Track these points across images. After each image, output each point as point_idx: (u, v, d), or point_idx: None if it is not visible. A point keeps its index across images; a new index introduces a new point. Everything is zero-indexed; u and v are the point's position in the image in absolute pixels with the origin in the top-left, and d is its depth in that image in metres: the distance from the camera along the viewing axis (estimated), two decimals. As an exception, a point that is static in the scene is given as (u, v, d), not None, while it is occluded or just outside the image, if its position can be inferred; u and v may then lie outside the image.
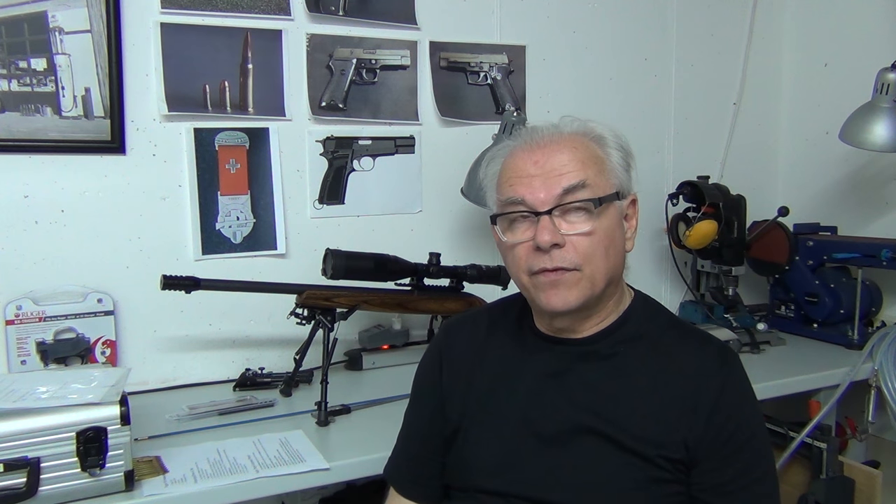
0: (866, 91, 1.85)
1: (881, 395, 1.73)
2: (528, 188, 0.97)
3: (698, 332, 1.08)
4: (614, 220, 1.00)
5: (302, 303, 1.53)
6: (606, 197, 0.98)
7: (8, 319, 1.51)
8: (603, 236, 0.97)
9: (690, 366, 0.99)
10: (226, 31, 1.69)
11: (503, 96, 2.01)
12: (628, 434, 0.96)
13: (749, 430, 0.97)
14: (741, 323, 1.96)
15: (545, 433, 1.00)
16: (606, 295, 1.02)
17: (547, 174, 0.97)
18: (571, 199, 0.96)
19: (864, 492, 1.56)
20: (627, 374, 1.00)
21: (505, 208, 1.01)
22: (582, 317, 1.02)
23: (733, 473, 0.95)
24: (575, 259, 0.96)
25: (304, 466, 1.20)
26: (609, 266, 0.99)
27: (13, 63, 1.52)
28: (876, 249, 1.85)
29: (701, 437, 0.95)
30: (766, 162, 2.44)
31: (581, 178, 0.96)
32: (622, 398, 0.98)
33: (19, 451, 1.03)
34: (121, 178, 1.62)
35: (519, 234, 0.99)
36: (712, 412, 0.95)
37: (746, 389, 1.01)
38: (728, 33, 2.34)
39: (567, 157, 0.97)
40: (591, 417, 0.98)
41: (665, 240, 2.17)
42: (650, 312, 1.08)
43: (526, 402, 1.03)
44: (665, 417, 0.96)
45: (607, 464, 0.96)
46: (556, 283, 0.97)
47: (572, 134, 1.02)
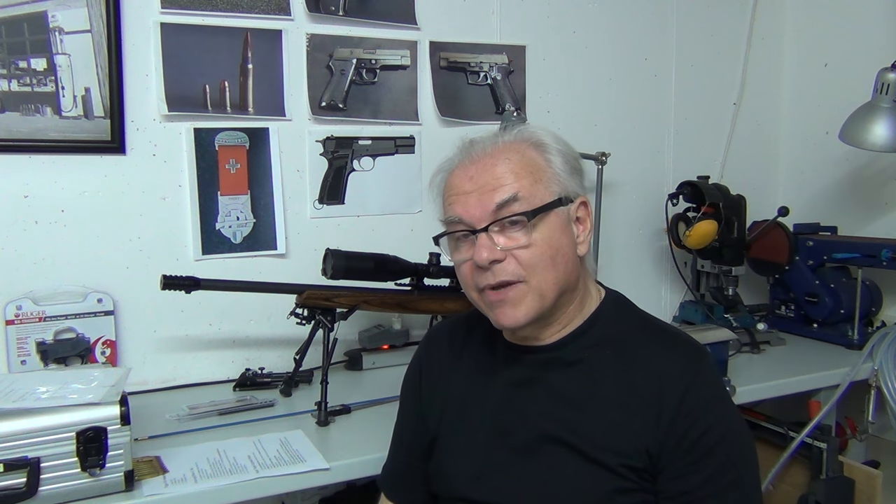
0: (866, 91, 1.85)
1: (881, 395, 1.73)
2: (463, 206, 0.97)
3: (670, 333, 1.04)
4: (557, 228, 0.97)
5: (302, 303, 1.53)
6: (543, 207, 0.95)
7: (8, 319, 1.51)
8: (545, 246, 0.95)
9: (656, 369, 0.96)
10: (226, 31, 1.69)
11: (503, 96, 2.01)
12: (592, 444, 0.94)
13: (717, 434, 0.92)
14: (741, 323, 1.96)
15: (515, 443, 1.00)
16: (563, 302, 1.00)
17: (481, 190, 0.96)
18: (506, 213, 0.94)
19: (864, 492, 1.56)
20: (593, 381, 0.98)
21: (447, 227, 1.01)
22: (541, 325, 1.01)
23: (700, 480, 0.91)
24: (517, 271, 0.95)
25: (304, 466, 1.20)
26: (558, 275, 0.97)
27: (13, 63, 1.52)
28: (876, 249, 1.85)
29: (663, 443, 0.92)
30: (766, 162, 2.44)
31: (514, 192, 0.95)
32: (586, 406, 0.97)
33: (19, 451, 1.03)
34: (121, 178, 1.62)
35: (463, 252, 0.99)
36: (675, 417, 0.92)
37: (715, 391, 0.97)
38: (728, 33, 2.34)
39: (501, 170, 0.96)
40: (557, 427, 0.97)
41: (665, 240, 2.17)
42: (620, 314, 1.05)
43: (497, 412, 1.03)
44: (628, 426, 0.94)
45: (573, 474, 0.95)
46: (502, 302, 0.96)
47: (510, 143, 1.00)
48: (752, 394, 1.61)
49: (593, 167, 1.99)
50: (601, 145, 2.00)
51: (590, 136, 2.10)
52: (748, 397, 1.60)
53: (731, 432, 0.94)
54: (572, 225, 1.00)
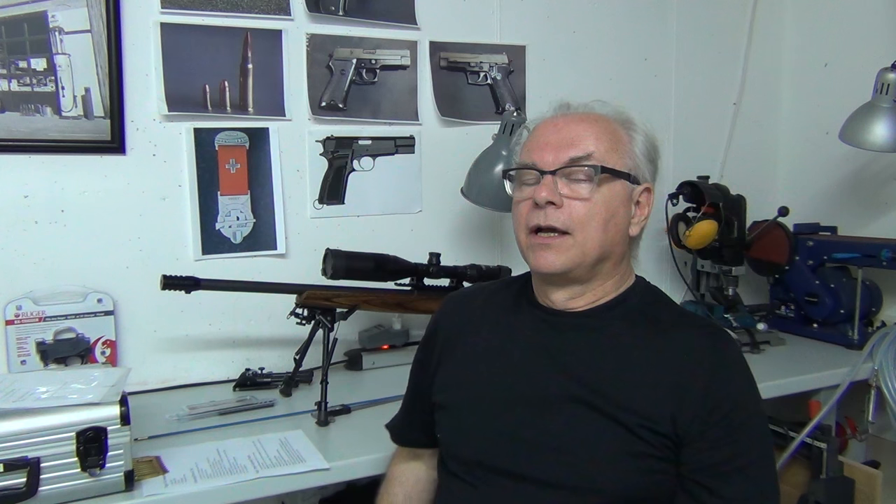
0: (866, 91, 1.85)
1: (881, 395, 1.73)
2: (540, 153, 1.02)
3: (696, 316, 1.09)
4: (618, 197, 1.01)
5: (302, 303, 1.53)
6: (612, 170, 1.00)
7: (8, 319, 1.51)
8: (602, 207, 0.99)
9: (684, 345, 0.99)
10: (226, 31, 1.69)
11: (503, 96, 2.01)
12: (613, 403, 0.95)
13: (746, 411, 0.96)
14: (741, 323, 1.96)
15: (533, 401, 1.01)
16: (601, 269, 1.02)
17: (560, 142, 1.01)
18: (576, 165, 0.99)
19: (864, 492, 1.56)
20: (619, 347, 1.00)
21: (518, 166, 1.06)
22: (575, 288, 1.03)
23: (729, 454, 0.93)
24: (567, 221, 0.98)
25: (304, 466, 1.20)
26: (605, 239, 1.00)
27: (13, 63, 1.52)
28: (876, 249, 1.85)
29: (694, 414, 0.94)
30: (766, 162, 2.44)
31: (589, 150, 1.00)
32: (612, 369, 0.98)
33: (19, 451, 1.03)
34: (121, 178, 1.62)
35: (525, 192, 1.03)
36: (707, 391, 0.94)
37: (744, 372, 1.00)
38: (728, 33, 2.34)
39: (584, 131, 1.02)
40: (578, 386, 0.98)
41: (665, 240, 2.16)
42: (651, 297, 1.08)
43: (517, 370, 1.04)
44: (653, 390, 0.95)
45: (591, 432, 0.96)
46: (546, 246, 0.99)
47: (601, 114, 1.06)
48: (752, 394, 1.61)
49: (593, 167, 1.99)
50: (601, 145, 2.00)
51: (590, 136, 2.10)
52: (748, 397, 1.59)
53: (758, 413, 0.98)
54: (633, 204, 1.04)
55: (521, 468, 0.98)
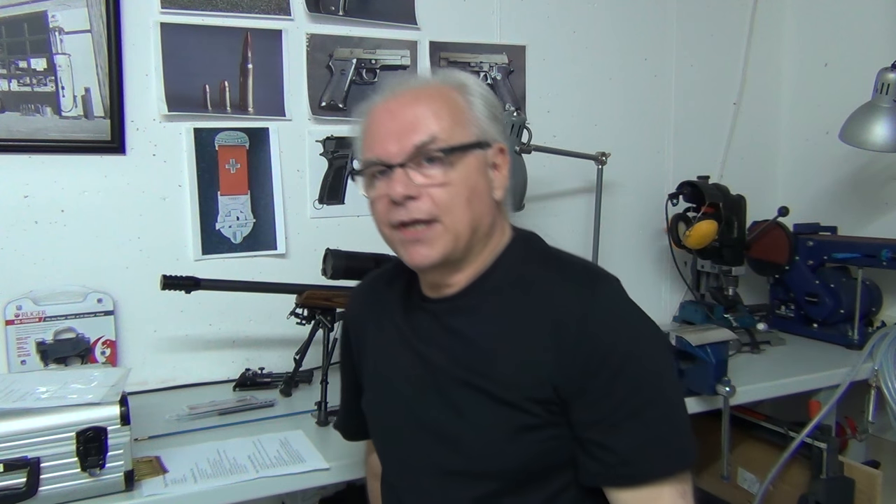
0: (866, 91, 1.85)
1: (881, 395, 1.73)
2: (382, 146, 0.96)
3: (570, 264, 1.01)
4: (475, 169, 0.96)
5: (302, 303, 1.53)
6: (461, 146, 0.95)
7: (8, 319, 1.51)
8: (461, 186, 0.94)
9: (553, 300, 0.94)
10: (226, 31, 1.69)
11: (503, 96, 2.01)
12: (497, 384, 0.94)
13: (624, 353, 0.90)
14: (741, 323, 1.96)
15: (429, 392, 1.00)
16: (475, 245, 0.99)
17: (400, 129, 0.95)
18: (423, 151, 0.94)
19: (864, 492, 1.56)
20: (496, 323, 0.97)
21: (364, 167, 1.00)
22: (453, 270, 1.00)
23: (613, 404, 0.89)
24: (432, 210, 0.94)
25: (304, 466, 1.21)
26: (472, 216, 0.96)
27: (13, 63, 1.52)
28: (876, 249, 1.85)
29: (568, 372, 0.90)
30: (766, 162, 2.44)
31: (432, 132, 0.94)
32: (491, 347, 0.96)
33: (19, 451, 1.03)
34: (121, 178, 1.62)
35: (378, 189, 0.98)
36: (577, 342, 0.90)
37: (619, 311, 0.94)
38: (728, 33, 2.34)
39: (421, 111, 0.95)
40: (465, 371, 0.96)
41: (665, 240, 2.17)
42: (526, 253, 1.03)
43: (412, 363, 1.03)
44: (530, 358, 0.92)
45: (481, 415, 0.95)
46: (417, 240, 0.95)
47: (433, 85, 1.00)
48: (752, 394, 1.61)
49: (593, 167, 1.99)
50: (601, 145, 2.00)
51: (590, 136, 2.10)
52: (748, 397, 1.60)
53: (639, 349, 0.92)
54: (489, 170, 0.99)
55: (431, 458, 0.99)
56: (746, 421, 1.72)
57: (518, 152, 1.80)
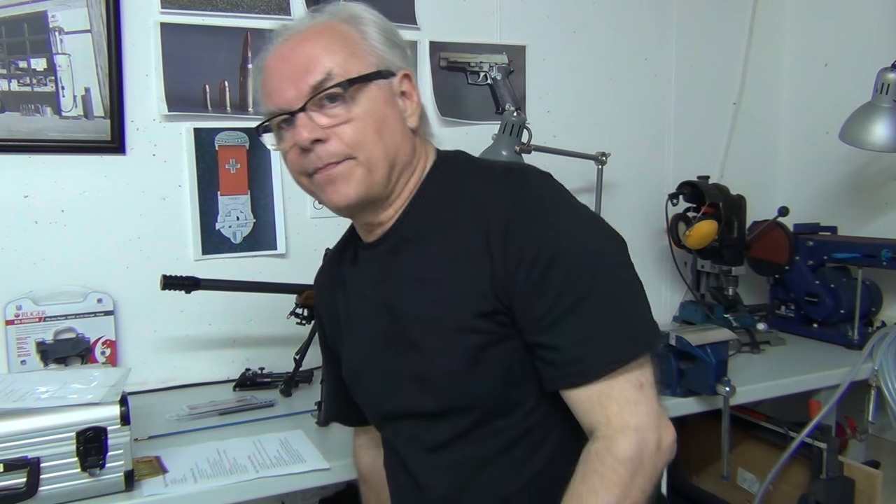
0: (866, 91, 1.85)
1: (881, 395, 1.73)
2: (280, 94, 0.93)
3: (493, 165, 0.99)
4: (380, 100, 0.93)
5: (302, 303, 1.53)
6: (359, 78, 0.91)
7: (8, 319, 1.51)
8: (368, 119, 0.91)
9: (481, 205, 0.91)
10: (226, 31, 1.69)
11: (503, 96, 2.01)
12: (448, 311, 0.92)
13: (552, 247, 0.86)
14: (741, 323, 1.96)
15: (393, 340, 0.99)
16: (396, 178, 0.96)
17: (294, 72, 0.92)
18: (320, 90, 0.90)
19: (864, 492, 1.56)
20: (432, 248, 0.95)
21: (267, 119, 0.97)
22: (379, 207, 0.97)
23: (549, 302, 0.86)
24: (342, 150, 0.91)
25: (304, 466, 1.20)
26: (386, 147, 0.92)
27: (13, 63, 1.52)
28: (876, 249, 1.84)
29: (503, 276, 0.88)
30: (766, 162, 2.44)
31: (327, 69, 0.90)
32: (433, 275, 0.94)
33: (19, 451, 1.03)
34: (121, 178, 1.62)
35: (287, 140, 0.94)
36: (504, 244, 0.87)
37: (545, 204, 0.91)
38: (728, 33, 2.34)
39: (312, 50, 0.92)
40: (416, 305, 0.95)
41: (665, 240, 2.16)
42: (451, 169, 1.01)
43: (373, 318, 1.02)
44: (469, 273, 0.90)
45: (440, 346, 0.93)
46: (331, 179, 0.92)
47: (322, 22, 0.96)
48: (752, 394, 1.61)
49: (593, 167, 1.99)
50: (601, 145, 2.00)
51: (590, 136, 2.10)
52: (748, 397, 1.60)
53: (568, 240, 0.88)
54: (397, 99, 0.96)
55: (405, 407, 0.98)
56: (746, 421, 1.72)
57: (518, 152, 1.80)
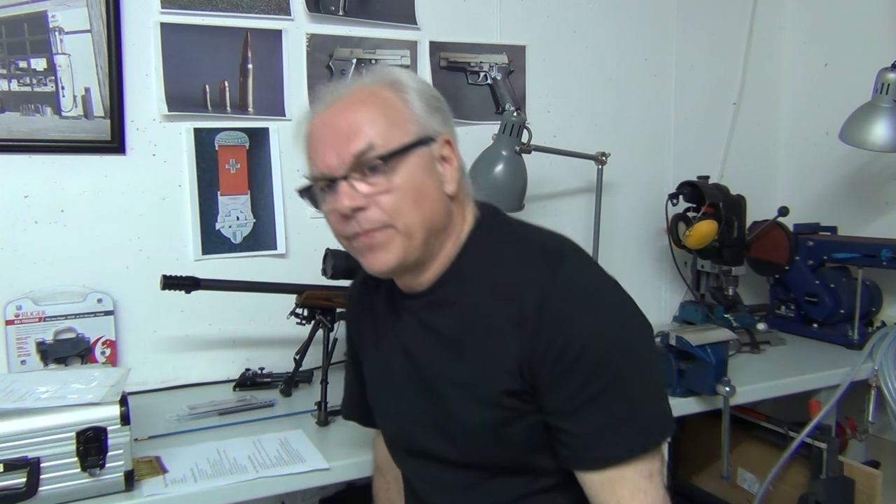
0: (866, 91, 1.85)
1: (881, 395, 1.73)
2: (322, 160, 0.96)
3: (529, 241, 1.00)
4: (419, 168, 0.95)
5: (302, 303, 1.53)
6: (399, 150, 0.93)
7: (8, 319, 1.51)
8: (407, 189, 0.93)
9: (515, 284, 0.93)
10: (226, 31, 1.69)
11: (503, 96, 2.01)
12: (474, 378, 0.95)
13: (582, 340, 0.89)
14: (741, 323, 1.96)
15: (416, 390, 1.02)
16: (435, 244, 0.98)
17: (337, 140, 0.94)
18: (362, 161, 0.93)
19: (864, 492, 1.56)
20: (465, 315, 0.98)
21: (310, 182, 1.00)
22: (417, 271, 1.00)
23: (571, 391, 0.89)
24: (381, 218, 0.93)
25: (304, 466, 1.20)
26: (424, 215, 0.94)
27: (13, 63, 1.52)
28: (876, 249, 1.85)
29: (530, 359, 0.90)
30: (766, 162, 2.44)
31: (368, 140, 0.92)
32: (466, 344, 0.97)
33: (19, 451, 1.03)
34: (121, 178, 1.62)
35: (329, 202, 0.98)
36: (536, 329, 0.90)
37: (577, 294, 0.92)
38: (728, 33, 2.34)
39: (354, 118, 0.94)
40: (445, 369, 0.98)
41: (665, 240, 2.17)
42: (491, 235, 1.02)
43: (398, 362, 1.05)
44: (499, 349, 0.93)
45: (463, 413, 0.96)
46: (371, 247, 0.95)
47: (365, 86, 0.98)
48: (752, 394, 1.61)
49: (593, 167, 1.99)
50: (601, 145, 2.00)
51: (590, 136, 2.10)
52: (748, 397, 1.60)
53: (597, 334, 0.90)
54: (437, 164, 0.97)
55: (423, 446, 1.03)
56: (746, 421, 1.72)
57: (518, 152, 1.80)
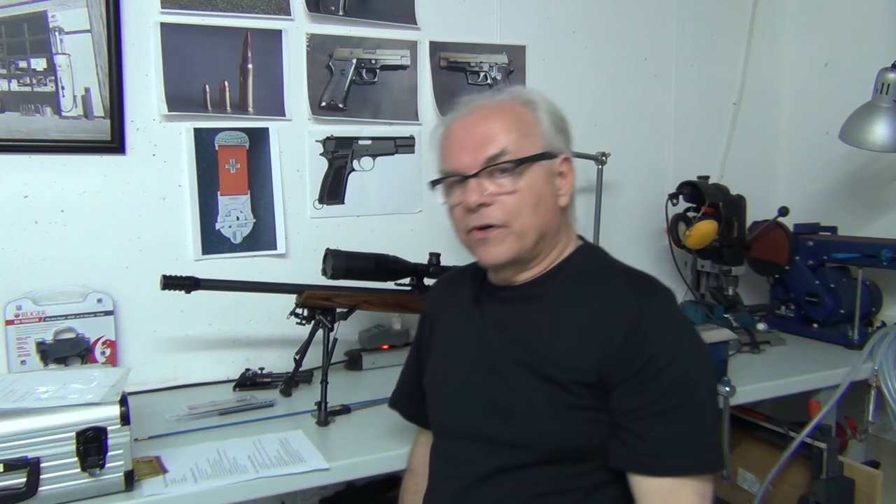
0: (866, 91, 1.85)
1: (881, 395, 1.73)
2: (457, 158, 1.08)
3: (632, 271, 1.12)
4: (541, 178, 1.07)
5: (302, 303, 1.53)
6: (528, 158, 1.05)
7: (8, 319, 1.51)
8: (529, 193, 1.05)
9: (612, 297, 1.04)
10: (226, 31, 1.69)
11: (503, 96, 2.01)
12: (547, 363, 1.03)
13: (668, 357, 0.98)
14: (741, 323, 1.96)
15: (485, 368, 1.09)
16: (542, 247, 1.10)
17: (474, 143, 1.06)
18: (494, 162, 1.05)
19: (864, 492, 1.56)
20: (555, 310, 1.07)
21: (442, 177, 1.12)
22: (519, 267, 1.11)
23: (650, 398, 0.97)
24: (501, 216, 1.05)
25: (304, 466, 1.20)
26: (538, 221, 1.07)
27: (13, 63, 1.52)
28: (876, 249, 1.85)
29: (615, 362, 0.99)
30: (766, 162, 2.44)
31: (503, 146, 1.05)
32: (546, 331, 1.06)
33: (19, 451, 1.03)
34: (121, 178, 1.62)
35: (455, 196, 1.09)
36: (627, 338, 0.99)
37: (670, 319, 1.03)
38: (728, 33, 2.34)
39: (493, 127, 1.06)
40: (521, 351, 1.06)
41: (665, 240, 2.17)
42: (589, 258, 1.15)
43: (475, 343, 1.13)
44: (580, 344, 1.02)
45: (529, 392, 1.04)
46: (485, 241, 1.07)
47: (503, 101, 1.10)
48: (752, 394, 1.61)
49: (593, 167, 1.99)
50: (601, 145, 2.00)
51: (590, 136, 2.10)
52: (748, 397, 1.60)
53: (682, 356, 0.99)
54: (555, 178, 1.10)
55: (476, 430, 1.08)
56: (746, 421, 1.72)
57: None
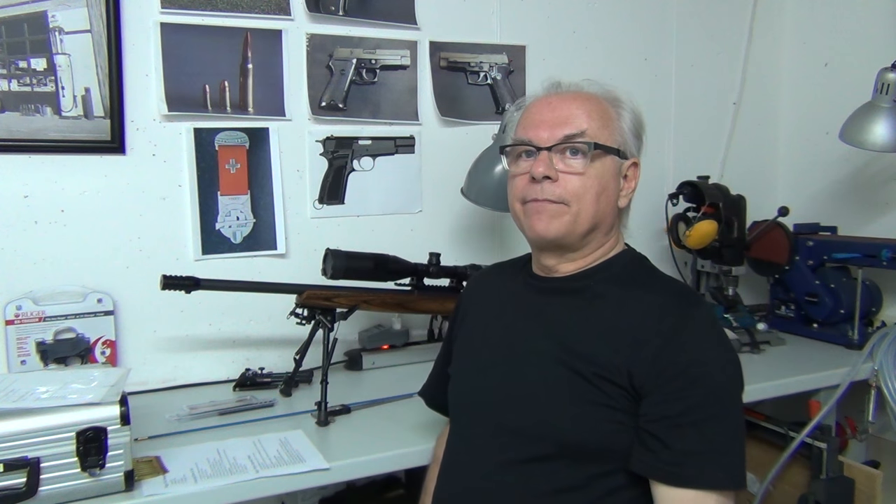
0: (866, 91, 1.85)
1: (881, 395, 1.73)
2: (535, 130, 1.08)
3: (674, 281, 1.13)
4: (609, 171, 1.08)
5: (302, 303, 1.53)
6: (603, 146, 1.06)
7: (8, 319, 1.51)
8: (594, 180, 1.06)
9: (651, 303, 1.04)
10: (226, 31, 1.69)
11: (503, 96, 2.01)
12: (576, 355, 1.02)
13: (704, 367, 0.98)
14: (741, 323, 1.96)
15: (514, 357, 1.10)
16: (592, 238, 1.09)
17: (555, 120, 1.07)
18: (571, 140, 1.06)
19: (864, 492, 1.56)
20: (593, 306, 1.07)
21: (515, 144, 1.12)
22: (565, 255, 1.11)
23: (684, 407, 0.96)
24: (563, 194, 1.05)
25: (304, 466, 1.20)
26: (597, 209, 1.07)
27: (13, 63, 1.52)
28: (876, 249, 1.85)
29: (648, 369, 0.98)
30: (766, 162, 2.44)
31: (583, 128, 1.06)
32: (581, 325, 1.06)
33: (19, 451, 1.03)
34: (121, 178, 1.62)
35: (521, 166, 1.10)
36: (664, 346, 0.98)
37: (707, 331, 1.03)
38: (728, 33, 2.34)
39: (576, 109, 1.07)
40: (553, 343, 1.06)
41: (665, 240, 2.17)
42: (633, 263, 1.15)
43: (507, 332, 1.14)
44: (613, 343, 1.01)
45: (555, 382, 1.03)
46: (541, 211, 1.06)
47: (591, 92, 1.12)
48: (752, 394, 1.60)
49: (593, 167, 1.99)
50: (601, 145, 2.00)
51: (590, 136, 2.10)
52: (748, 397, 1.57)
53: (717, 369, 0.99)
54: (621, 178, 1.10)
55: (498, 416, 1.08)
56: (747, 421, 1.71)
57: (518, 152, 1.80)
